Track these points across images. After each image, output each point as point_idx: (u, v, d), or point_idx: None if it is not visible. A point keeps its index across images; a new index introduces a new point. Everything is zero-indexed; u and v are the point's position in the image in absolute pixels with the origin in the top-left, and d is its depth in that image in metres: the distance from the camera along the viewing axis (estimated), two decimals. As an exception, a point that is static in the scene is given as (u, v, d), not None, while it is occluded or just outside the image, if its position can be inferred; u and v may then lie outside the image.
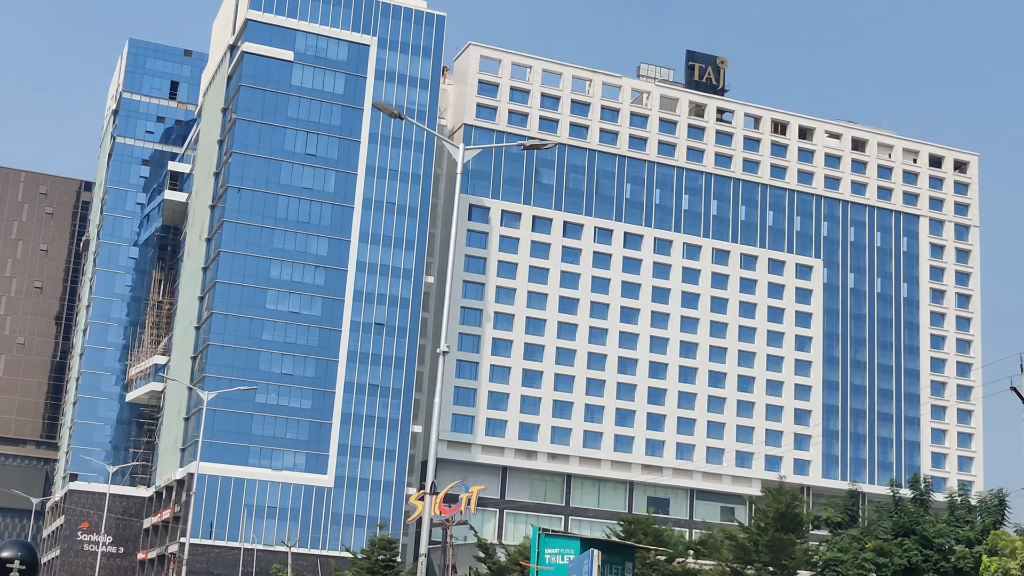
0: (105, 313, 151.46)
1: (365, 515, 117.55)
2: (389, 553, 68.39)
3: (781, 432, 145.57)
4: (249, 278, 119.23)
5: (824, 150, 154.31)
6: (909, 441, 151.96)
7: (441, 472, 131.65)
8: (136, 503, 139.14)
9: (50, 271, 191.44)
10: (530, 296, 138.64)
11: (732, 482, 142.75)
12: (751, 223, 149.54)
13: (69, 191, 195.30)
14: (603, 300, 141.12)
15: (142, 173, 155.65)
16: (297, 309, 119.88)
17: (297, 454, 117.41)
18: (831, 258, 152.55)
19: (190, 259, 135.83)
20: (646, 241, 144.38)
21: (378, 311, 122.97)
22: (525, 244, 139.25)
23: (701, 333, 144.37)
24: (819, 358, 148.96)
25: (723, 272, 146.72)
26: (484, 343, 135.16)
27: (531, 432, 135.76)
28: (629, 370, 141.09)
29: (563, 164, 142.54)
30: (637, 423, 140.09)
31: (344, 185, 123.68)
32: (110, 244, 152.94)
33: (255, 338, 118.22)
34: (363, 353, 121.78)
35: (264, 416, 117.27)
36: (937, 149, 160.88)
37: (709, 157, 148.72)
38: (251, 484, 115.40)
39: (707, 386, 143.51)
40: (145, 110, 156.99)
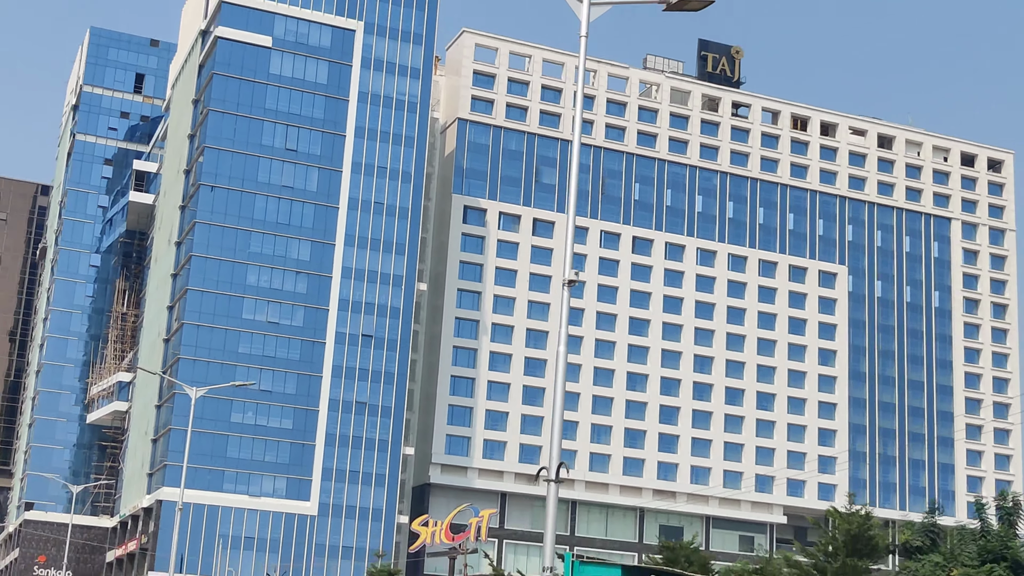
0: (64, 326, 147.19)
1: (352, 546, 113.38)
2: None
3: (804, 454, 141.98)
4: (224, 285, 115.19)
5: (848, 148, 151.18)
6: (943, 463, 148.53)
7: (434, 499, 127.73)
8: (98, 534, 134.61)
9: (3, 283, 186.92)
10: (531, 306, 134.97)
11: (751, 509, 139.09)
12: (770, 226, 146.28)
13: (24, 195, 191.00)
14: (610, 310, 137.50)
15: (104, 173, 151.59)
16: (277, 319, 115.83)
17: (277, 479, 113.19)
18: (856, 264, 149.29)
19: (158, 266, 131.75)
20: (656, 246, 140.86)
21: (366, 322, 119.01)
22: (525, 249, 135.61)
23: (717, 346, 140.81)
24: (845, 373, 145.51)
25: (740, 280, 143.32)
26: (480, 357, 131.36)
27: (532, 455, 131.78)
28: (639, 387, 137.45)
29: (566, 162, 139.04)
30: (648, 444, 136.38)
31: (328, 183, 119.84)
32: (69, 251, 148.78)
33: (230, 351, 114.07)
34: (349, 368, 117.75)
35: (241, 437, 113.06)
36: (969, 147, 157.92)
37: (724, 155, 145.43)
38: (226, 512, 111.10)
39: (723, 404, 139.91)
40: (108, 105, 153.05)
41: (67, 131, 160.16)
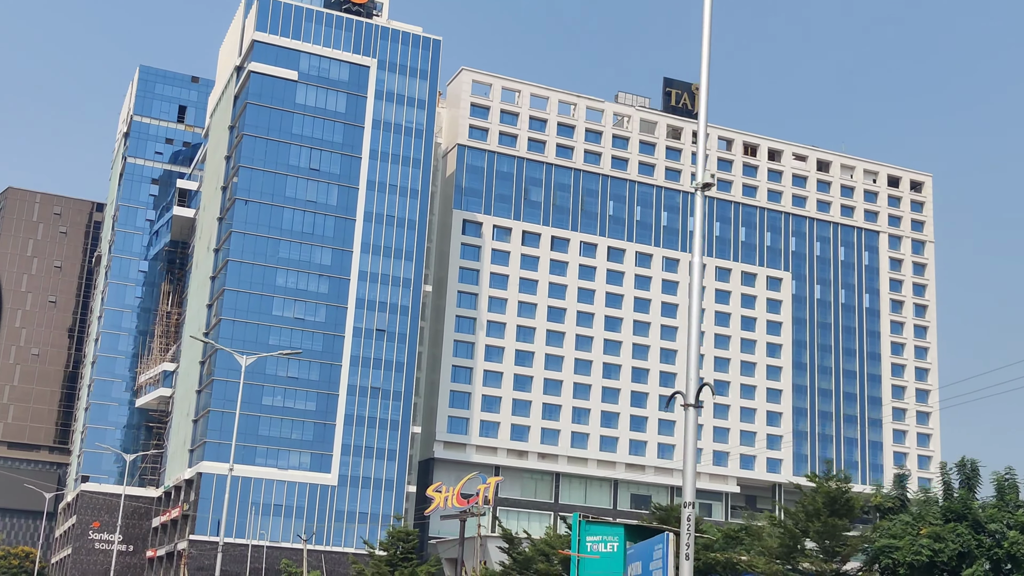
0: (116, 323, 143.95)
1: (368, 512, 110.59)
2: (407, 545, 61.73)
3: (755, 433, 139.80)
4: (256, 286, 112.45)
5: (792, 170, 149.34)
6: (873, 441, 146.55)
7: (438, 472, 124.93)
8: (145, 503, 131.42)
9: (63, 286, 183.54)
10: (520, 306, 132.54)
11: (710, 480, 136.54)
12: (725, 238, 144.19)
13: (82, 212, 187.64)
14: (588, 310, 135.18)
15: (151, 191, 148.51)
16: (302, 316, 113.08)
17: (302, 454, 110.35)
18: (799, 271, 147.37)
19: (198, 270, 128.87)
20: (628, 255, 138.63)
21: (379, 318, 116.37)
22: (516, 257, 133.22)
23: (680, 341, 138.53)
24: (789, 364, 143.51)
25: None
26: (478, 350, 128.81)
27: (522, 433, 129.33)
28: (613, 375, 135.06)
29: (551, 182, 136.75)
30: (621, 424, 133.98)
31: (346, 198, 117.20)
32: (121, 258, 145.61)
33: (262, 343, 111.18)
34: (365, 357, 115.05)
35: (271, 418, 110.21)
36: (894, 170, 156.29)
37: (685, 177, 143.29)
38: (258, 483, 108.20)
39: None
40: (154, 132, 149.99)
41: (119, 155, 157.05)
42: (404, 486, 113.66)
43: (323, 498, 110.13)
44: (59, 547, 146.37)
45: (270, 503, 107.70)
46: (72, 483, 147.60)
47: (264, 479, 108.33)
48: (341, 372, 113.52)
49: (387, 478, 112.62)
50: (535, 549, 54.41)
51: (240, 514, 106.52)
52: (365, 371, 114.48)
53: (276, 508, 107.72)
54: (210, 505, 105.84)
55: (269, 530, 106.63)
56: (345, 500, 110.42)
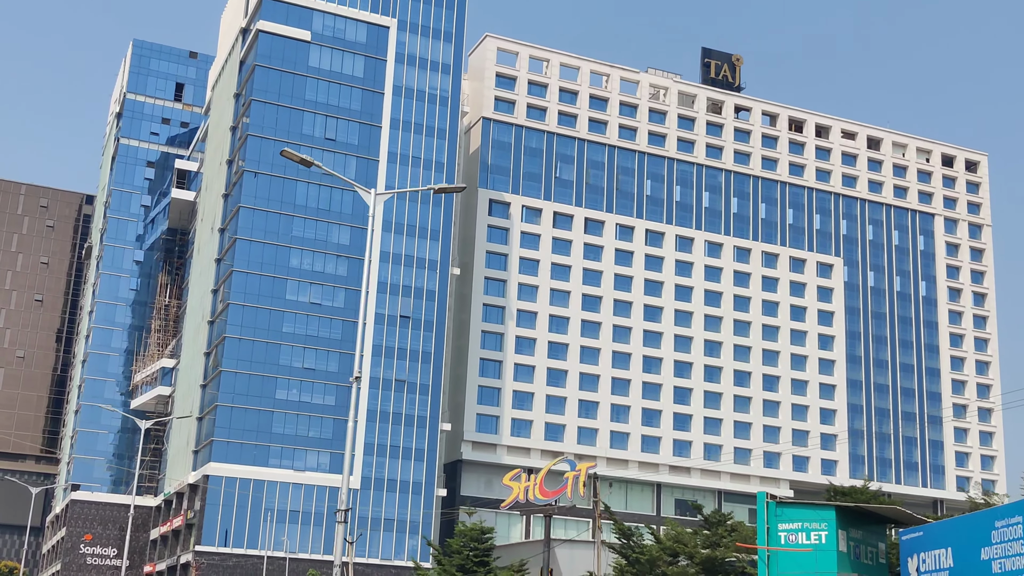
0: (109, 318, 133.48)
1: (394, 519, 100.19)
2: (481, 546, 51.36)
3: (807, 432, 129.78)
4: (267, 267, 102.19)
5: (841, 148, 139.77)
6: (933, 440, 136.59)
7: (465, 475, 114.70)
8: (142, 513, 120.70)
9: (51, 284, 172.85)
10: (552, 293, 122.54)
11: (760, 483, 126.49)
12: (771, 221, 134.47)
13: (70, 204, 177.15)
14: (626, 298, 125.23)
15: (147, 175, 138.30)
16: (319, 300, 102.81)
17: (321, 453, 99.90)
18: (851, 256, 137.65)
19: (200, 255, 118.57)
20: (667, 238, 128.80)
21: (403, 303, 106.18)
22: (546, 240, 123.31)
23: (725, 331, 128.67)
24: (842, 357, 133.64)
25: (745, 270, 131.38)
26: (507, 341, 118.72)
27: (557, 433, 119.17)
28: (654, 369, 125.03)
29: (583, 160, 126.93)
30: (663, 423, 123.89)
31: (365, 172, 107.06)
32: (114, 247, 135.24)
33: (275, 331, 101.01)
34: (388, 347, 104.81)
35: (285, 413, 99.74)
36: (949, 149, 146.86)
37: (728, 154, 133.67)
38: (272, 486, 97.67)
39: (732, 385, 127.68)
40: (150, 112, 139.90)
41: (111, 137, 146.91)
42: (434, 490, 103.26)
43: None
44: (47, 563, 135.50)
45: (285, 509, 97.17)
46: (61, 493, 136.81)
47: (279, 482, 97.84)
48: (363, 363, 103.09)
49: (415, 480, 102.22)
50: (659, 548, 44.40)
51: (252, 521, 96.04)
52: (389, 362, 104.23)
53: (292, 515, 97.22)
54: (218, 512, 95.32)
55: (285, 539, 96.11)
56: (369, 505, 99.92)
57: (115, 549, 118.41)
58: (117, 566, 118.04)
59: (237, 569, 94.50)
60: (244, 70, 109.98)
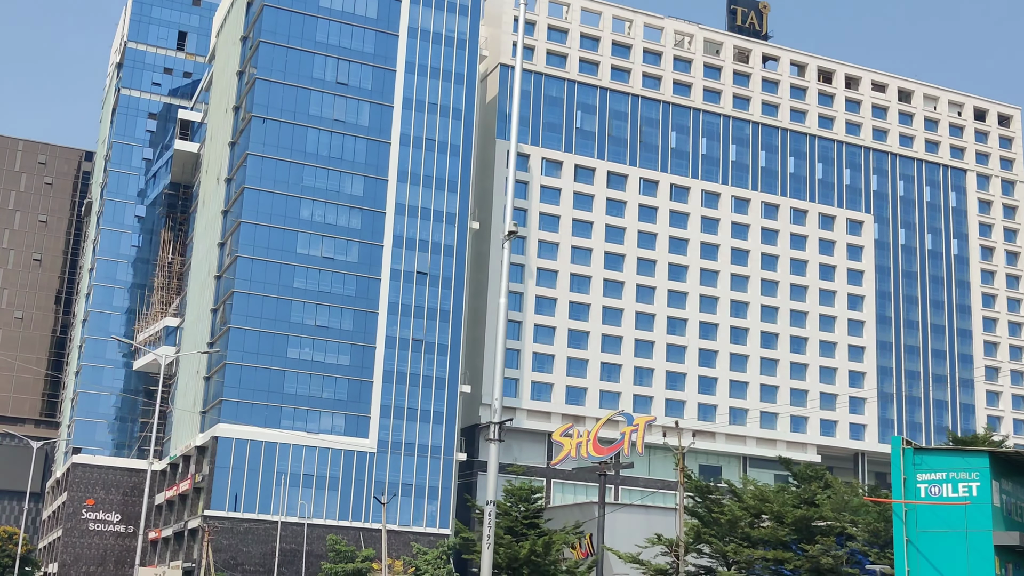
0: (110, 275, 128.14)
1: (412, 483, 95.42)
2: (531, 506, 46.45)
3: (835, 396, 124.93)
4: (277, 219, 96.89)
5: (871, 101, 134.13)
6: (964, 404, 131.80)
7: (483, 441, 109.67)
8: (146, 478, 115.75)
9: (49, 243, 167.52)
10: (574, 251, 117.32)
11: (786, 448, 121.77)
12: (800, 175, 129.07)
13: (70, 161, 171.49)
14: (649, 256, 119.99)
15: (148, 127, 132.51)
16: (332, 254, 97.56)
17: (335, 415, 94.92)
18: (881, 213, 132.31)
19: (206, 207, 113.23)
20: (693, 194, 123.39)
21: (420, 259, 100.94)
22: (567, 195, 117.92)
23: (751, 291, 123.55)
24: (872, 318, 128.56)
25: (773, 227, 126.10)
26: (527, 301, 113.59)
27: (578, 396, 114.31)
28: (678, 330, 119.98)
29: (605, 110, 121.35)
30: (688, 386, 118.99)
31: (380, 118, 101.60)
32: (115, 202, 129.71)
33: (285, 286, 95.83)
34: (405, 305, 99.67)
35: (298, 373, 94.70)
36: (981, 102, 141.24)
37: (755, 105, 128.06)
38: (284, 449, 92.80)
39: (759, 347, 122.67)
40: (151, 61, 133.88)
41: (112, 88, 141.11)
42: (453, 454, 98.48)
43: (360, 467, 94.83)
44: (48, 529, 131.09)
45: (299, 472, 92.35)
46: (62, 457, 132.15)
47: (291, 444, 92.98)
48: (378, 321, 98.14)
49: (434, 444, 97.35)
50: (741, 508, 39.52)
51: (264, 485, 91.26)
52: (406, 320, 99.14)
53: (306, 478, 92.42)
54: (228, 475, 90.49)
55: (298, 503, 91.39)
56: (386, 469, 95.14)
57: (118, 514, 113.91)
58: (120, 532, 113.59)
59: (248, 535, 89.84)
60: (251, 11, 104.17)
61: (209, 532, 73.28)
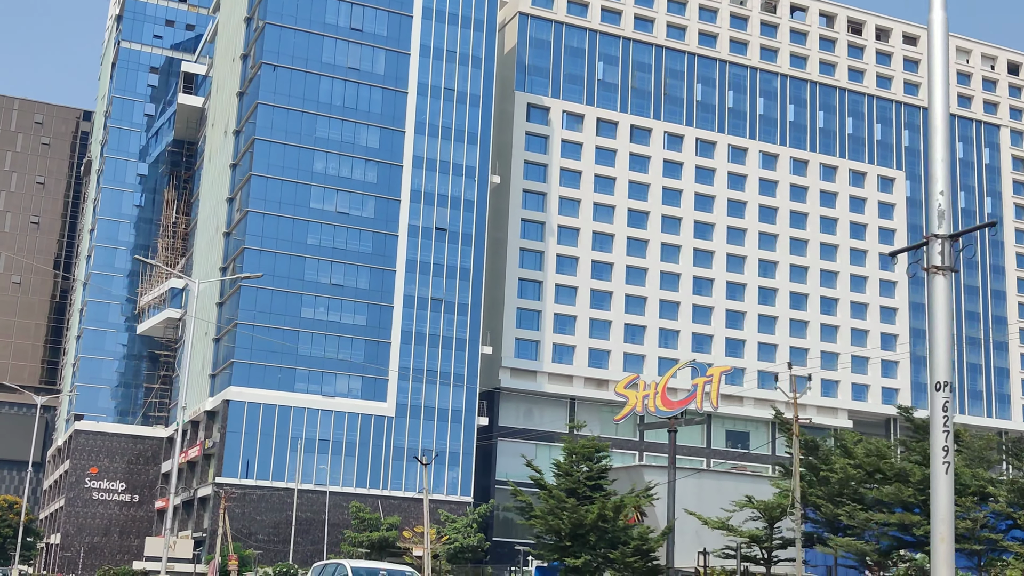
0: (112, 236, 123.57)
1: (432, 448, 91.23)
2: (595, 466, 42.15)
3: (867, 359, 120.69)
4: (289, 172, 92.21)
5: (902, 53, 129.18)
6: (998, 367, 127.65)
7: (504, 405, 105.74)
8: (152, 445, 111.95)
9: (47, 205, 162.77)
10: (596, 208, 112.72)
11: (816, 412, 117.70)
12: (830, 130, 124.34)
13: (67, 120, 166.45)
14: (675, 213, 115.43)
15: (150, 82, 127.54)
16: (347, 209, 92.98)
17: (352, 378, 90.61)
18: (913, 170, 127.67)
19: (212, 162, 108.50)
20: (719, 148, 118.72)
21: (439, 214, 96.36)
22: (589, 150, 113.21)
23: (780, 250, 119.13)
24: (904, 278, 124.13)
25: (801, 184, 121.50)
26: (548, 260, 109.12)
27: (601, 359, 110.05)
28: (705, 291, 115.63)
29: (628, 61, 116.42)
30: (715, 348, 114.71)
31: (396, 67, 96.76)
32: (116, 160, 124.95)
33: (298, 242, 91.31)
34: (423, 262, 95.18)
35: (312, 333, 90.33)
36: (1015, 55, 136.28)
37: (783, 57, 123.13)
38: (299, 413, 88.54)
39: (788, 309, 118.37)
40: (152, 13, 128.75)
41: (111, 41, 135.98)
42: (474, 418, 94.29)
43: (378, 432, 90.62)
44: (49, 499, 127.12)
45: (314, 438, 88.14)
46: (63, 424, 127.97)
47: (306, 408, 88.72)
48: (395, 279, 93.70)
49: (454, 408, 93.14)
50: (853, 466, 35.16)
51: (278, 451, 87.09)
52: (424, 278, 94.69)
53: (322, 444, 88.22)
54: (240, 441, 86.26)
55: (314, 470, 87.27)
56: (405, 434, 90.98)
57: (123, 483, 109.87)
58: (125, 501, 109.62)
59: (262, 503, 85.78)
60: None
61: (226, 498, 69.16)
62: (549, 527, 39.66)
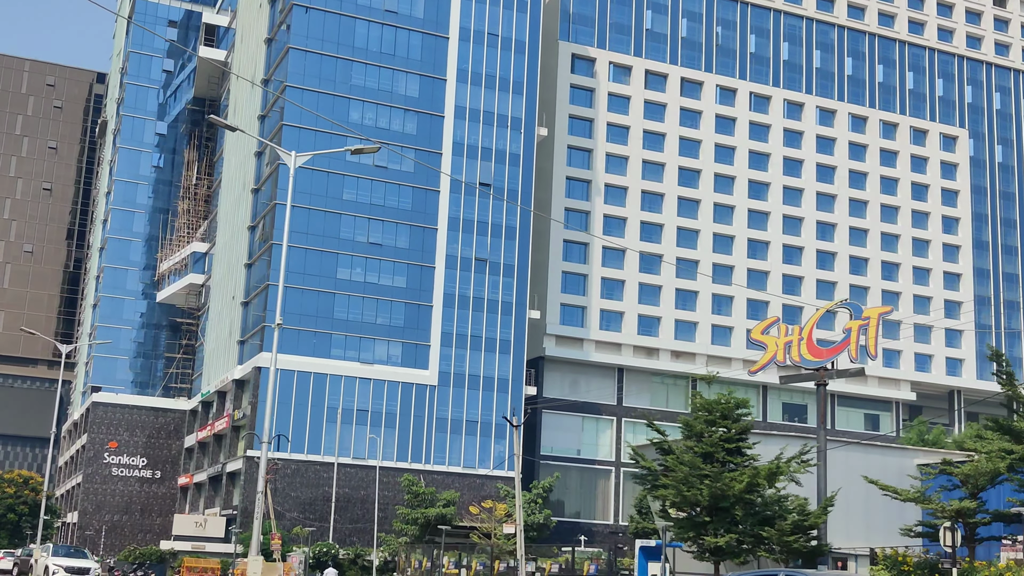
0: (129, 198, 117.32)
1: (477, 420, 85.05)
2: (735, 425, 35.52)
3: (930, 328, 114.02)
4: (323, 122, 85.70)
5: (964, 5, 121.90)
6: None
7: (548, 374, 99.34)
8: (175, 418, 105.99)
9: (60, 171, 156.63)
10: (645, 166, 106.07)
11: (878, 384, 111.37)
12: (889, 85, 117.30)
13: (80, 83, 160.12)
14: (728, 172, 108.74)
15: (169, 35, 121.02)
16: (384, 163, 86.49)
17: (391, 344, 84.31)
18: (976, 128, 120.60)
19: (238, 116, 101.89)
20: (774, 103, 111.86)
21: (483, 168, 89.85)
22: (637, 104, 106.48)
23: (839, 212, 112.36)
24: (968, 243, 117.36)
25: (861, 142, 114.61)
26: (594, 220, 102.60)
27: (651, 326, 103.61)
28: (760, 254, 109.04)
29: (677, 10, 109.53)
30: (771, 315, 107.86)
31: (435, 9, 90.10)
32: (133, 118, 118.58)
33: (334, 198, 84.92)
34: (467, 220, 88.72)
35: (348, 296, 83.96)
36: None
37: (841, 7, 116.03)
38: (335, 381, 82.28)
39: (848, 274, 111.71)
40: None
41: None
42: (522, 387, 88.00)
43: (419, 401, 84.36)
44: (66, 476, 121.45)
45: (352, 407, 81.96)
46: (79, 398, 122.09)
47: (343, 376, 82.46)
48: (437, 237, 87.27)
49: (500, 376, 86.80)
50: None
51: (313, 422, 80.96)
52: (467, 237, 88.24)
53: (360, 414, 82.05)
54: (273, 411, 79.89)
55: (352, 442, 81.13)
56: (448, 404, 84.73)
57: (144, 459, 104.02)
58: (147, 477, 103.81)
59: (296, 478, 79.73)
60: None
61: (270, 470, 62.87)
62: (683, 499, 33.25)
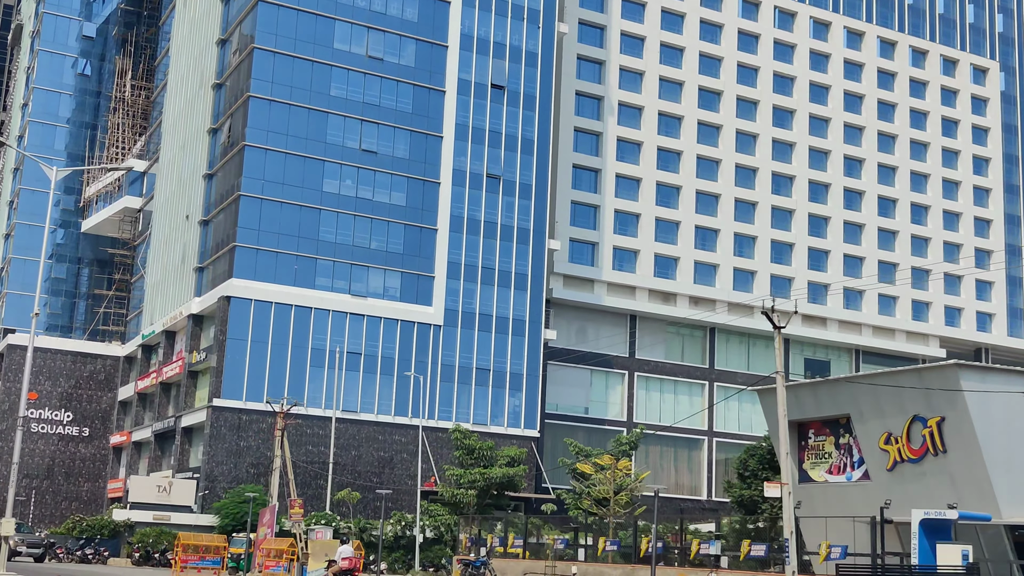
0: (50, 111, 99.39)
1: (489, 368, 70.34)
2: None
3: (960, 278, 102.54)
4: (307, 1, 69.61)
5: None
6: None
7: (555, 321, 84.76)
8: (104, 366, 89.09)
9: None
10: (662, 84, 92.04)
11: (907, 339, 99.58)
12: (919, 8, 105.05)
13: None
14: (751, 96, 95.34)
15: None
16: (380, 55, 70.74)
17: (388, 274, 68.88)
18: (1007, 61, 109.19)
19: (189, 5, 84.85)
20: (800, 20, 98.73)
21: (495, 66, 74.70)
22: (653, 12, 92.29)
23: (867, 146, 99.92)
24: (999, 186, 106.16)
25: (889, 69, 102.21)
26: (606, 144, 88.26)
27: (668, 267, 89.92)
28: (784, 190, 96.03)
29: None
30: (795, 260, 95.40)
31: None
32: (56, 17, 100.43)
33: (319, 93, 68.93)
34: (476, 128, 73.55)
35: (337, 213, 68.24)
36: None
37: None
38: (320, 317, 66.67)
39: (876, 215, 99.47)
40: None
41: None
42: (540, 329, 73.45)
43: (422, 344, 69.21)
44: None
45: (341, 350, 66.48)
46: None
47: (330, 311, 66.89)
48: (442, 147, 71.93)
49: (515, 316, 72.08)
50: None
51: (294, 367, 65.34)
52: (477, 148, 73.13)
53: (351, 358, 66.63)
54: (245, 352, 64.19)
55: (341, 393, 65.75)
56: (455, 349, 69.76)
57: (69, 412, 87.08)
58: (72, 435, 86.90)
59: (265, 431, 64.07)
60: None
61: (283, 416, 47.22)
62: None
